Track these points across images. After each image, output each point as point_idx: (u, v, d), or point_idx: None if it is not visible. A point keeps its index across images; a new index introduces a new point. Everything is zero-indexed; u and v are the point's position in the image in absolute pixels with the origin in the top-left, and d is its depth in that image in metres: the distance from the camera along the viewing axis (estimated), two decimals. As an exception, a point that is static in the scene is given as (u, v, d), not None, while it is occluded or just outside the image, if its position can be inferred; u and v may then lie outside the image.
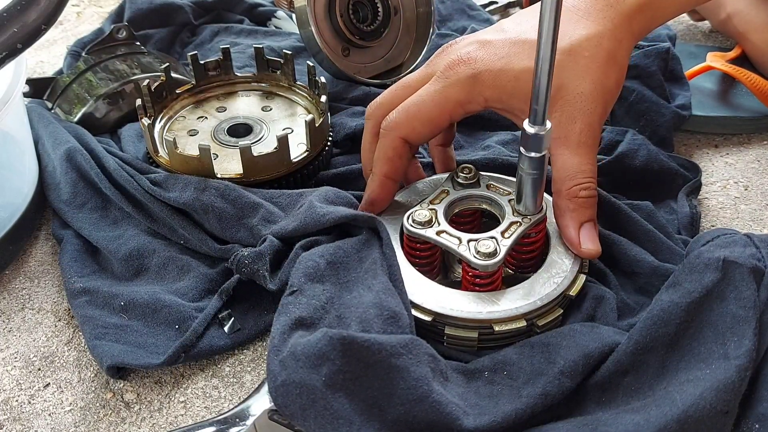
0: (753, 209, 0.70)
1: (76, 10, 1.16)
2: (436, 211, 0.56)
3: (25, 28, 0.53)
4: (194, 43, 0.97)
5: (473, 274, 0.54)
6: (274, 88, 0.79)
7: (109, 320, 0.58)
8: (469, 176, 0.59)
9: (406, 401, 0.44)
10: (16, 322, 0.61)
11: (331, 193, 0.61)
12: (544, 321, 0.53)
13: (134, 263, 0.63)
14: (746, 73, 0.79)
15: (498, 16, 1.08)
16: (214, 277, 0.61)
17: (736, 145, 0.79)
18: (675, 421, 0.42)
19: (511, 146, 0.75)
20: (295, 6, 0.78)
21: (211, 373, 0.56)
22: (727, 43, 0.96)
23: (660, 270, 0.58)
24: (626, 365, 0.48)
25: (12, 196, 0.68)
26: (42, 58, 1.02)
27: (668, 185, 0.70)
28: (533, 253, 0.57)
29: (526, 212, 0.55)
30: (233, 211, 0.61)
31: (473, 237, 0.53)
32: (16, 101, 0.65)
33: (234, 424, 0.49)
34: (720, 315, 0.46)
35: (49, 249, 0.69)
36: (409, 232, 0.55)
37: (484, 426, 0.45)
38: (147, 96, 0.71)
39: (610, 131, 0.74)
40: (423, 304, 0.53)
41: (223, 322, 0.58)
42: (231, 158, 0.69)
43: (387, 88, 0.63)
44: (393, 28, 0.85)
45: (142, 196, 0.65)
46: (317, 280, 0.52)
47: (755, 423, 0.44)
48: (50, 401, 0.55)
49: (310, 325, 0.49)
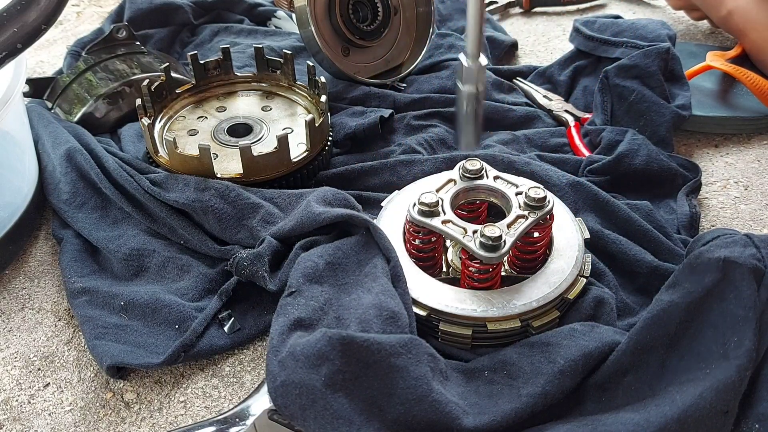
0: (753, 209, 0.70)
1: (76, 10, 1.16)
2: (442, 199, 0.56)
3: (25, 28, 0.53)
4: (194, 43, 0.97)
5: (473, 268, 0.54)
6: (274, 88, 0.79)
7: (109, 320, 0.58)
8: (475, 168, 0.59)
9: (406, 401, 0.44)
10: (16, 322, 0.61)
11: (330, 193, 0.61)
12: (540, 322, 0.53)
13: (134, 263, 0.63)
14: (746, 73, 0.79)
15: (498, 16, 1.08)
16: (214, 277, 0.61)
17: (736, 145, 0.79)
18: (675, 420, 0.42)
19: (512, 146, 0.75)
20: (295, 6, 0.78)
21: (211, 373, 0.56)
22: (727, 42, 0.96)
23: (660, 270, 0.58)
24: (626, 365, 0.48)
25: (12, 196, 0.68)
26: (42, 58, 1.02)
27: (668, 185, 0.70)
28: (536, 253, 0.57)
29: (466, 148, 0.55)
30: (233, 212, 0.61)
31: (478, 228, 0.53)
32: (16, 101, 0.65)
33: (234, 424, 0.49)
34: (720, 315, 0.46)
35: (49, 249, 0.69)
36: (414, 220, 0.55)
37: (483, 425, 0.45)
38: (147, 96, 0.71)
39: (610, 131, 0.74)
40: (419, 298, 0.53)
41: (223, 322, 0.58)
42: (231, 158, 0.69)
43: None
44: (393, 28, 0.85)
45: (142, 196, 0.65)
46: (316, 281, 0.52)
47: (755, 423, 0.44)
48: (50, 401, 0.55)
49: (308, 325, 0.49)
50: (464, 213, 0.60)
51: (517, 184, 0.58)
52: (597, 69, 0.82)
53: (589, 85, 0.83)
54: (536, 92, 0.85)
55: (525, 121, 0.80)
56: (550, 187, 0.65)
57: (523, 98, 0.84)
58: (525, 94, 0.85)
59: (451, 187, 0.58)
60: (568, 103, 0.83)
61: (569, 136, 0.77)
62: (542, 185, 0.57)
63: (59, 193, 0.69)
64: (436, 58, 0.87)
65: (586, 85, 0.83)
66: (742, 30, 0.84)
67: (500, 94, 0.84)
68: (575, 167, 0.71)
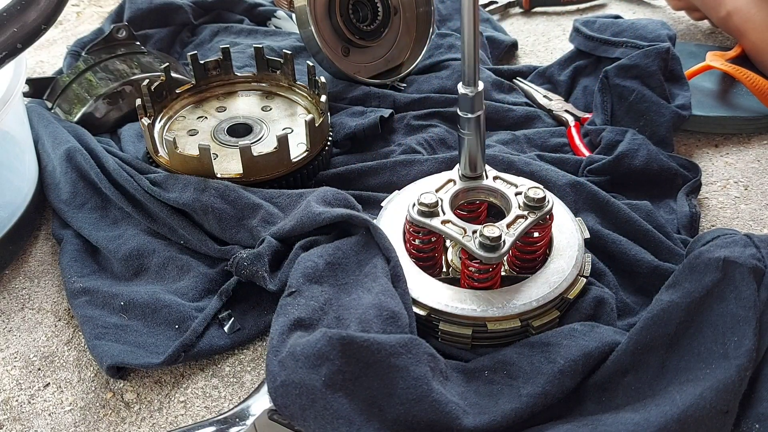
0: (753, 209, 0.70)
1: (76, 10, 1.16)
2: (441, 200, 0.56)
3: (25, 28, 0.53)
4: (194, 43, 0.97)
5: (473, 268, 0.54)
6: (274, 88, 0.79)
7: (109, 320, 0.58)
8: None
9: (406, 401, 0.44)
10: (16, 322, 0.61)
11: (330, 193, 0.61)
12: (540, 322, 0.53)
13: (134, 263, 0.63)
14: (746, 73, 0.79)
15: (498, 16, 1.08)
16: (214, 277, 0.61)
17: (736, 145, 0.79)
18: (675, 420, 0.42)
19: (512, 146, 0.75)
20: (295, 6, 0.78)
21: (211, 373, 0.56)
22: (727, 42, 0.96)
23: (660, 270, 0.58)
24: (626, 365, 0.48)
25: (12, 196, 0.68)
26: (42, 58, 1.02)
27: (668, 185, 0.70)
28: (536, 253, 0.57)
29: (470, 174, 0.56)
30: (233, 212, 0.61)
31: (478, 228, 0.53)
32: (16, 101, 0.65)
33: (234, 423, 0.49)
34: (720, 315, 0.46)
35: (49, 249, 0.69)
36: (414, 221, 0.55)
37: (483, 425, 0.45)
38: (147, 96, 0.71)
39: (610, 131, 0.74)
40: (419, 298, 0.53)
41: (223, 322, 0.58)
42: (231, 158, 0.69)
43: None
44: (393, 28, 0.85)
45: (142, 196, 0.65)
46: (316, 281, 0.52)
47: (755, 423, 0.44)
48: (50, 401, 0.55)
49: (308, 325, 0.49)
50: (464, 213, 0.60)
51: (516, 184, 0.58)
52: (597, 69, 0.82)
53: (589, 85, 0.83)
54: (536, 92, 0.85)
55: (525, 121, 0.80)
56: (550, 187, 0.65)
57: (523, 98, 0.84)
58: (525, 94, 0.85)
59: (451, 187, 0.58)
60: (568, 103, 0.83)
61: (569, 136, 0.77)
62: (542, 185, 0.57)
63: (59, 193, 0.69)
64: (436, 58, 0.87)
65: (586, 85, 0.83)
66: (742, 30, 0.84)
67: (500, 94, 0.84)
68: (575, 167, 0.71)
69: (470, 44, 0.51)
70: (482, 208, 0.61)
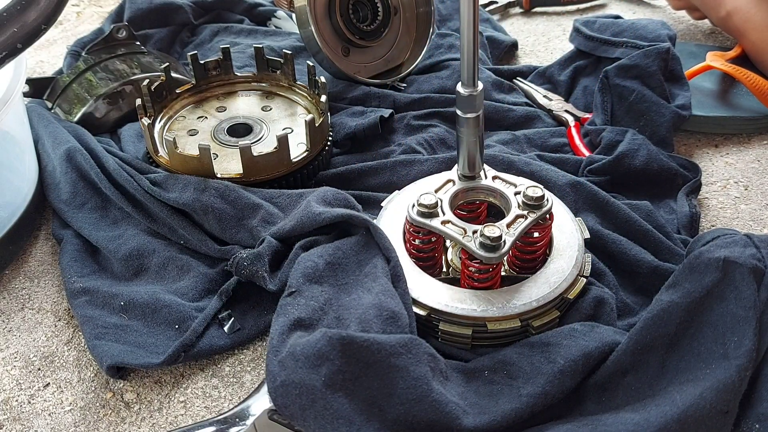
0: (753, 209, 0.70)
1: (76, 10, 1.16)
2: (441, 200, 0.56)
3: (25, 28, 0.53)
4: (194, 43, 0.97)
5: (473, 268, 0.54)
6: (274, 88, 0.79)
7: (109, 320, 0.58)
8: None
9: (406, 401, 0.44)
10: (16, 322, 0.61)
11: (330, 193, 0.61)
12: (540, 322, 0.53)
13: (134, 263, 0.63)
14: (746, 73, 0.79)
15: (498, 16, 1.08)
16: (214, 277, 0.61)
17: (736, 145, 0.79)
18: (675, 420, 0.42)
19: (512, 146, 0.75)
20: (295, 6, 0.78)
21: (211, 373, 0.56)
22: (727, 42, 0.96)
23: (660, 270, 0.58)
24: (626, 365, 0.48)
25: (12, 196, 0.68)
26: (42, 58, 1.02)
27: (668, 185, 0.70)
28: (536, 253, 0.57)
29: (469, 174, 0.56)
30: (233, 212, 0.61)
31: (478, 228, 0.53)
32: (16, 101, 0.65)
33: (234, 424, 0.49)
34: (720, 315, 0.46)
35: (49, 249, 0.69)
36: (414, 222, 0.55)
37: (483, 425, 0.45)
38: (147, 96, 0.71)
39: (610, 131, 0.74)
40: (419, 298, 0.53)
41: (223, 322, 0.58)
42: (231, 158, 0.69)
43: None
44: (393, 28, 0.85)
45: (142, 196, 0.65)
46: (316, 281, 0.52)
47: (755, 423, 0.44)
48: (50, 401, 0.55)
49: (308, 325, 0.49)
50: (464, 213, 0.60)
51: (515, 184, 0.58)
52: (597, 69, 0.82)
53: (589, 85, 0.83)
54: (536, 92, 0.85)
55: (525, 121, 0.80)
56: (550, 187, 0.65)
57: (523, 98, 0.84)
58: (525, 94, 0.85)
59: (450, 187, 0.58)
60: (568, 103, 0.83)
61: (569, 136, 0.77)
62: (542, 185, 0.57)
63: (59, 193, 0.69)
64: (436, 58, 0.87)
65: (586, 85, 0.83)
66: (742, 30, 0.84)
67: (500, 94, 0.84)
68: (575, 167, 0.71)
69: (470, 44, 0.51)
70: (482, 208, 0.61)
